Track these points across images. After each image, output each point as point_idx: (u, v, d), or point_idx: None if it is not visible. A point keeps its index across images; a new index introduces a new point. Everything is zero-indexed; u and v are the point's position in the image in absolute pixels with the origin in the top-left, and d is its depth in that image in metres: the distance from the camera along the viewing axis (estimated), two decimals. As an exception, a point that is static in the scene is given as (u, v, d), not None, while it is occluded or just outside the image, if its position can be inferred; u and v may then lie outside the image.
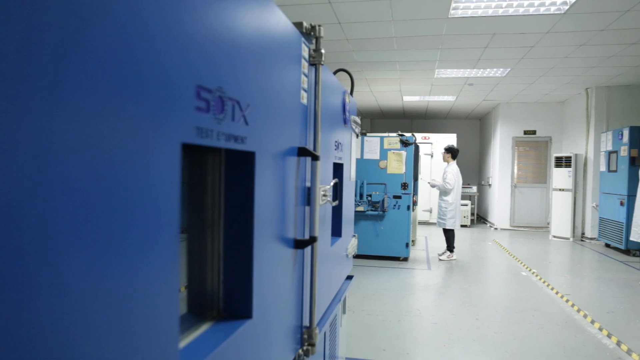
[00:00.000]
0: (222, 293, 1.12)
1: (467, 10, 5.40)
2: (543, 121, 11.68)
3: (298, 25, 1.50)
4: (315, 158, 1.51)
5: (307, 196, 1.54)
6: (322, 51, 1.61)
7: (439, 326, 4.28)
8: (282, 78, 1.30)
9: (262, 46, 1.13)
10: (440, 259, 7.39)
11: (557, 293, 5.47)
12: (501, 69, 8.24)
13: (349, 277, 2.69)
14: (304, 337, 1.61)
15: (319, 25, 1.61)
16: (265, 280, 1.20)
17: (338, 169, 2.12)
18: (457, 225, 7.34)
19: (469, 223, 12.00)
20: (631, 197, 7.37)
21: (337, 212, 2.16)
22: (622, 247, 8.12)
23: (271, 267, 1.25)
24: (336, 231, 2.18)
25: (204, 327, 1.02)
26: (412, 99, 11.53)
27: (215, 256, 1.11)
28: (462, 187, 8.51)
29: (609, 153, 8.77)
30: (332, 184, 1.83)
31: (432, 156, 12.06)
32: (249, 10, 1.05)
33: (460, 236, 8.61)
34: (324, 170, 1.76)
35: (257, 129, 1.09)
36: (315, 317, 1.65)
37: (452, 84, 9.60)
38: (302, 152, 1.43)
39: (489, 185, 12.94)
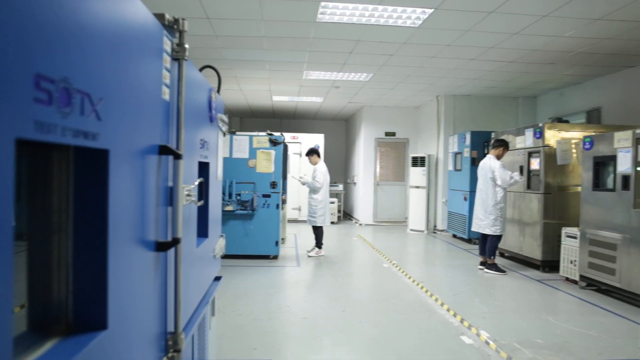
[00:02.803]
0: (72, 304, 1.02)
1: (334, 16, 5.65)
2: (401, 124, 12.71)
3: (159, 16, 1.42)
4: (177, 157, 1.45)
5: (170, 196, 1.47)
6: (186, 46, 1.55)
7: (309, 320, 4.42)
8: (141, 72, 1.23)
9: (117, 36, 1.05)
10: (309, 256, 7.62)
11: (413, 281, 6.00)
12: (364, 74, 8.77)
13: (218, 278, 2.64)
14: (169, 343, 1.54)
15: (183, 19, 1.55)
16: (123, 287, 1.12)
17: (204, 168, 2.06)
18: (327, 222, 7.64)
19: (336, 220, 12.56)
20: (472, 192, 8.37)
21: (203, 212, 2.10)
22: (466, 237, 9.23)
23: (130, 271, 1.17)
24: (202, 232, 2.12)
25: (48, 345, 0.91)
26: (281, 99, 11.71)
27: (63, 264, 1.01)
28: (330, 186, 8.88)
29: (455, 154, 9.90)
30: (196, 183, 1.78)
31: (301, 155, 12.36)
32: (101, -5, 0.97)
33: (327, 232, 8.98)
34: (188, 169, 1.70)
35: (112, 125, 1.01)
36: (180, 322, 1.59)
37: (320, 86, 9.96)
38: (164, 150, 1.36)
39: (354, 183, 13.70)
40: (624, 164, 5.06)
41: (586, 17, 5.47)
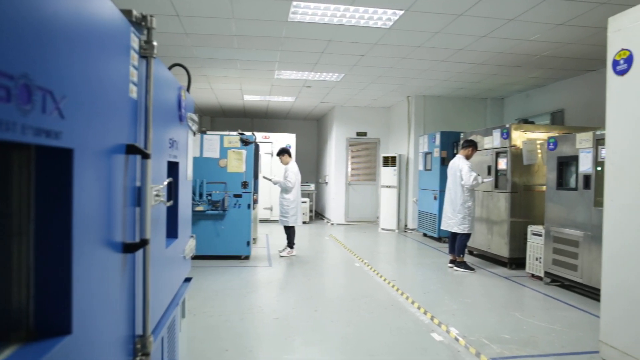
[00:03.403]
0: (34, 308, 0.98)
1: (306, 15, 5.64)
2: (373, 124, 12.81)
3: (126, 13, 1.39)
4: (145, 156, 1.42)
5: (138, 197, 1.44)
6: (154, 43, 1.52)
7: (281, 321, 4.40)
8: (107, 69, 1.19)
9: (82, 32, 1.02)
10: (281, 256, 7.60)
11: (385, 280, 6.05)
12: (336, 74, 8.80)
13: (188, 279, 2.60)
14: (137, 346, 1.51)
15: (151, 16, 1.52)
16: (88, 290, 1.09)
17: (173, 168, 2.03)
18: (299, 221, 7.64)
19: (307, 219, 12.56)
20: (442, 192, 8.50)
21: (172, 213, 2.06)
22: (436, 235, 9.37)
23: (95, 274, 1.14)
24: (172, 232, 2.09)
25: (6, 352, 0.88)
26: (252, 98, 11.63)
27: (24, 267, 0.97)
28: (301, 185, 8.87)
29: (425, 154, 10.04)
30: (165, 183, 1.74)
31: (272, 155, 12.32)
32: (64, -10, 0.94)
33: (299, 232, 8.97)
34: (157, 169, 1.67)
35: (76, 123, 0.98)
36: (149, 325, 1.56)
37: (292, 86, 9.94)
38: (131, 149, 1.33)
39: (326, 183, 13.72)
40: (585, 164, 5.24)
41: (550, 22, 5.64)
